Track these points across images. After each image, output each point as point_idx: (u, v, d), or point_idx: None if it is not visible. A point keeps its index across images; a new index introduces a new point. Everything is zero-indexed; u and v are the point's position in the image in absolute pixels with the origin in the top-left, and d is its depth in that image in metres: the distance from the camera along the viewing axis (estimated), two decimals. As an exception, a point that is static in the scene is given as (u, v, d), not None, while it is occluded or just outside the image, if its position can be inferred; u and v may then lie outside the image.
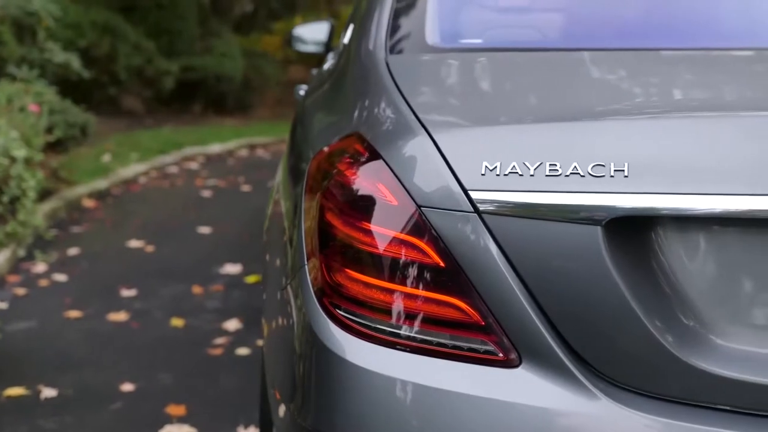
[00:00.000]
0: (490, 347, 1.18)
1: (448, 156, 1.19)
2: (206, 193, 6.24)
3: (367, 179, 1.25)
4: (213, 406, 2.67)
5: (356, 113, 1.46)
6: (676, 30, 1.61)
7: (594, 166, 1.13)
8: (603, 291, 1.12)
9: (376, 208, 1.23)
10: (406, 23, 1.72)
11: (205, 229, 4.97)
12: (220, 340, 3.20)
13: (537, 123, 1.22)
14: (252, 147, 9.15)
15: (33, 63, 6.14)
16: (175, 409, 2.62)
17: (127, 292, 3.74)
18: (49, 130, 5.14)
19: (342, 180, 1.28)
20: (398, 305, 1.21)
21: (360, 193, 1.25)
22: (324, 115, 1.71)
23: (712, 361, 1.12)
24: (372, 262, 1.22)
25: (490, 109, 1.30)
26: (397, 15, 1.73)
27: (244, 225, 5.05)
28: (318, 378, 1.26)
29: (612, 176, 1.13)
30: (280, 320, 1.45)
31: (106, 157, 6.76)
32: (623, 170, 1.12)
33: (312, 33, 3.98)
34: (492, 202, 1.15)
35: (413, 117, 1.27)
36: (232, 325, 3.34)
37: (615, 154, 1.14)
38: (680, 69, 1.39)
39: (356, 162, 1.29)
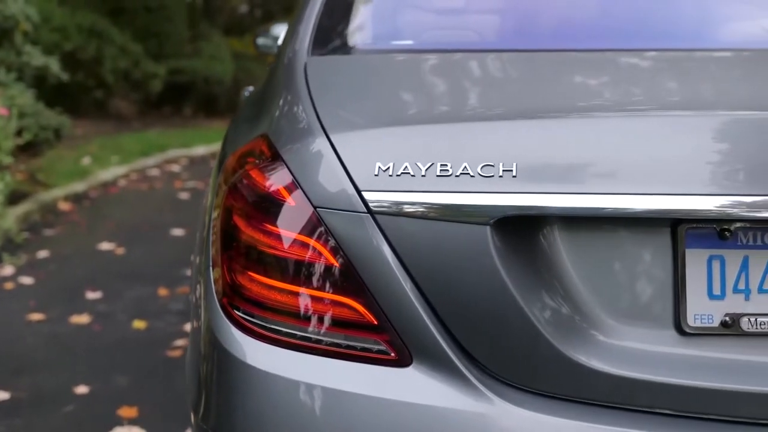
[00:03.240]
0: (383, 347, 1.18)
1: (343, 157, 1.19)
2: (184, 195, 6.24)
3: (267, 180, 1.25)
4: (166, 407, 2.66)
5: (270, 114, 1.46)
6: (589, 31, 1.62)
7: (483, 166, 1.13)
8: (492, 290, 1.13)
9: (275, 209, 1.23)
10: (331, 25, 1.72)
11: (178, 231, 4.97)
12: (180, 342, 3.20)
13: (431, 124, 1.22)
14: (237, 149, 9.15)
15: (11, 66, 6.14)
16: (127, 411, 2.62)
17: (92, 295, 3.74)
18: (19, 132, 5.13)
19: (246, 180, 1.28)
20: (294, 306, 1.21)
21: (261, 194, 1.25)
22: (248, 115, 1.72)
23: (595, 358, 1.12)
24: (269, 263, 1.22)
25: (389, 110, 1.30)
26: (324, 16, 1.73)
27: (218, 227, 5.05)
28: (218, 379, 1.26)
29: (501, 176, 1.13)
30: (193, 321, 1.46)
31: (86, 160, 6.76)
32: (512, 170, 1.13)
33: (278, 34, 3.98)
34: (384, 202, 1.15)
35: (315, 118, 1.27)
36: (194, 327, 3.34)
37: (504, 154, 1.14)
38: (581, 70, 1.39)
39: (260, 163, 1.29)
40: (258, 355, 1.22)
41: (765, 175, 1.09)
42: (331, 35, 1.69)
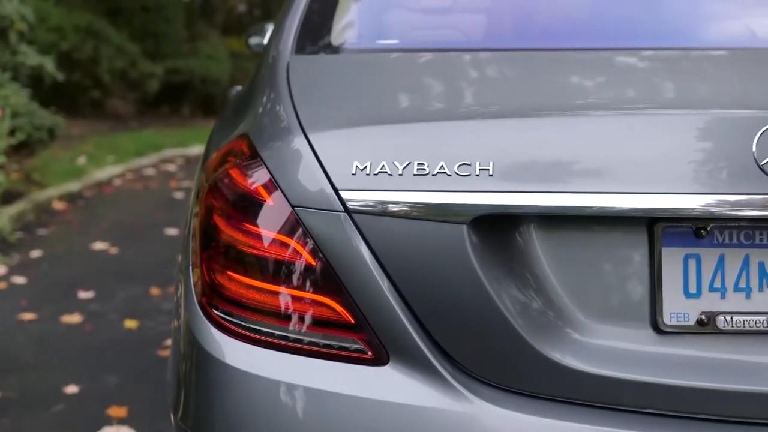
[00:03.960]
0: (360, 346, 1.18)
1: (321, 156, 1.19)
2: (179, 195, 6.24)
3: (246, 180, 1.25)
4: (155, 407, 2.66)
5: (252, 113, 1.46)
6: (568, 31, 1.61)
7: (460, 165, 1.13)
8: (468, 289, 1.13)
9: (254, 208, 1.23)
10: (315, 24, 1.72)
11: (172, 231, 4.97)
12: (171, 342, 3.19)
13: (408, 123, 1.22)
14: (233, 149, 9.15)
15: (5, 66, 6.13)
16: (117, 411, 2.62)
17: (84, 294, 3.74)
18: (12, 132, 5.13)
19: (226, 180, 1.28)
20: (272, 305, 1.21)
21: (240, 193, 1.25)
22: (232, 114, 1.72)
23: (570, 356, 1.12)
24: (247, 262, 1.22)
25: (368, 109, 1.30)
26: (308, 15, 1.73)
27: (212, 227, 5.04)
28: (196, 379, 1.26)
29: (477, 175, 1.13)
30: (174, 321, 1.46)
31: (81, 160, 6.75)
32: (488, 169, 1.13)
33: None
34: (361, 201, 1.15)
35: (294, 118, 1.27)
36: (186, 326, 3.34)
37: (481, 153, 1.14)
38: (558, 69, 1.38)
39: (239, 162, 1.29)
40: (236, 354, 1.22)
41: (741, 174, 1.09)
42: (315, 34, 1.69)
